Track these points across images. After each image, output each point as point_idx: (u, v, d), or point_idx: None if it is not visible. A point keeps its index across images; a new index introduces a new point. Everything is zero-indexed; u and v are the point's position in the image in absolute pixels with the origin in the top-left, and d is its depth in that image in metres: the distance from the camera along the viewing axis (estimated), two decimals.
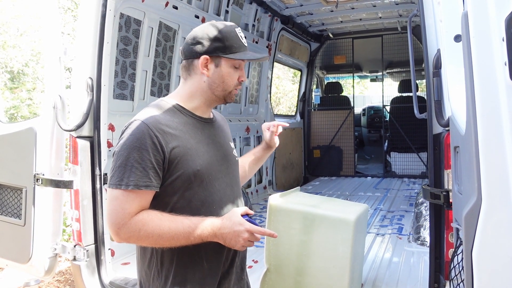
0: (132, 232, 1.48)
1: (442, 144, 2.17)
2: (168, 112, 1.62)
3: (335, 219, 2.39)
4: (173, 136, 1.55)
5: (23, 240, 2.99)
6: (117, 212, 1.48)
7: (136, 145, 1.48)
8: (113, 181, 1.50)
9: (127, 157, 1.48)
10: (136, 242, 1.54)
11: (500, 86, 1.30)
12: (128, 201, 1.48)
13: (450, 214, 2.09)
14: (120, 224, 1.48)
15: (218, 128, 1.79)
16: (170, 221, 1.49)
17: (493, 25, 1.31)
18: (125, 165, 1.48)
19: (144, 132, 1.50)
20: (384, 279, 3.00)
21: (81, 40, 2.96)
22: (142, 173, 1.47)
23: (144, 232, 1.47)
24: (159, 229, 1.47)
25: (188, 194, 1.58)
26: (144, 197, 1.51)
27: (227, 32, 1.63)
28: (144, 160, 1.48)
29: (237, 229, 1.51)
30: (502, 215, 1.31)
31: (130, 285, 2.85)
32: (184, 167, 1.55)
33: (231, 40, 1.63)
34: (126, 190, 1.47)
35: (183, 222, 1.49)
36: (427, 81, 2.24)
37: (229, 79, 1.66)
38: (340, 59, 8.22)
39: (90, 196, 2.89)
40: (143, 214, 1.49)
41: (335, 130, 7.88)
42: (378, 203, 5.51)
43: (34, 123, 3.02)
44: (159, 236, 1.48)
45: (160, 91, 4.15)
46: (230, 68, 1.65)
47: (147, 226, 1.47)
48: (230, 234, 1.51)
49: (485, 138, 1.31)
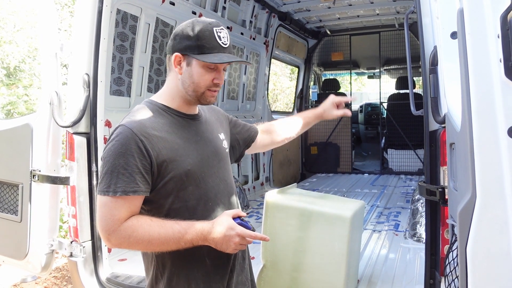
0: (122, 238, 1.48)
1: (438, 141, 2.17)
2: (153, 113, 1.60)
3: (331, 216, 2.39)
4: (159, 139, 1.53)
5: (20, 236, 2.99)
6: (107, 218, 1.48)
7: (121, 151, 1.47)
8: (101, 188, 1.49)
9: (113, 163, 1.47)
10: (127, 247, 1.54)
11: (495, 82, 1.30)
12: (116, 208, 1.47)
13: (445, 211, 2.10)
14: (110, 231, 1.47)
15: (205, 122, 1.76)
16: (160, 227, 1.48)
17: (489, 22, 1.32)
18: (112, 171, 1.47)
19: (129, 138, 1.48)
20: (380, 275, 3.01)
21: (78, 36, 2.95)
22: (129, 178, 1.46)
23: (134, 238, 1.47)
24: (149, 235, 1.46)
25: (182, 194, 1.57)
26: (132, 203, 1.50)
27: (201, 31, 1.56)
28: (130, 166, 1.47)
29: (228, 234, 1.49)
30: (496, 212, 1.31)
31: (127, 281, 2.85)
32: (174, 169, 1.54)
33: (204, 40, 1.55)
34: (114, 197, 1.46)
35: (173, 228, 1.48)
36: (423, 78, 2.25)
37: (199, 80, 1.58)
38: (337, 56, 8.21)
39: (86, 193, 2.89)
40: (133, 220, 1.48)
41: (332, 127, 7.88)
42: (375, 200, 5.52)
43: (30, 119, 3.02)
44: (149, 242, 1.47)
45: (157, 87, 4.14)
46: (201, 68, 1.57)
47: (136, 232, 1.46)
48: (221, 239, 1.49)
49: (479, 134, 1.32)
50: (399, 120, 7.43)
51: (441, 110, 2.12)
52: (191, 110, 1.71)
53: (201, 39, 1.55)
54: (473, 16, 1.35)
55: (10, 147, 3.08)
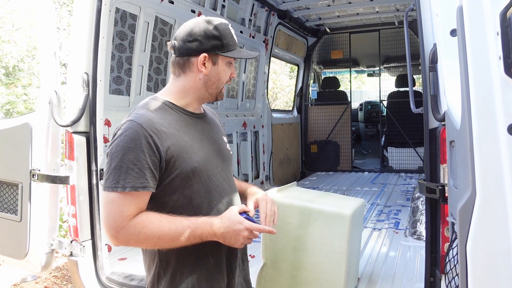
0: (131, 235, 1.46)
1: (438, 139, 2.17)
2: (160, 110, 1.61)
3: (331, 214, 2.39)
4: (168, 135, 1.54)
5: (20, 236, 2.99)
6: (115, 215, 1.46)
7: (131, 146, 1.47)
8: (109, 184, 1.47)
9: (122, 158, 1.46)
10: (135, 244, 1.53)
11: (495, 80, 1.30)
12: (125, 204, 1.46)
13: (445, 208, 2.10)
14: (118, 228, 1.46)
15: (210, 123, 1.79)
16: (170, 222, 1.48)
17: (488, 19, 1.31)
18: (120, 166, 1.46)
19: (139, 133, 1.48)
20: (381, 273, 3.01)
21: (77, 35, 2.94)
22: (139, 174, 1.46)
23: (144, 235, 1.46)
24: (159, 231, 1.46)
25: (188, 192, 1.57)
26: (141, 199, 1.50)
27: (223, 30, 1.64)
28: (140, 161, 1.46)
29: (236, 228, 1.51)
30: (496, 209, 1.31)
31: (127, 280, 2.85)
32: (181, 165, 1.54)
33: (228, 38, 1.64)
34: (123, 193, 1.45)
35: (183, 223, 1.48)
36: (423, 75, 2.24)
37: (224, 76, 1.68)
38: (337, 54, 8.21)
39: (86, 192, 2.89)
40: (142, 216, 1.48)
41: (332, 125, 7.88)
42: (375, 198, 5.52)
43: (29, 118, 3.01)
44: (159, 238, 1.46)
45: (156, 86, 4.14)
46: (225, 65, 1.67)
47: (146, 229, 1.46)
48: (230, 233, 1.51)
49: (479, 132, 1.31)
50: (399, 118, 7.43)
51: (441, 108, 2.12)
52: (198, 109, 1.74)
53: (226, 37, 1.63)
54: (472, 14, 1.35)
55: (10, 146, 3.08)
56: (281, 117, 7.45)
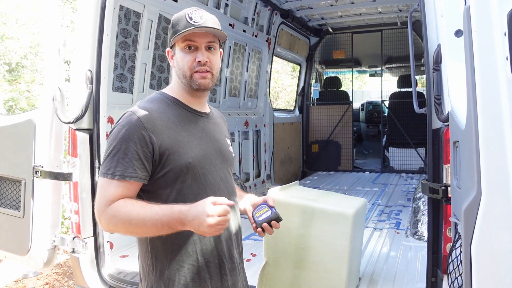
0: (109, 219, 1.49)
1: (441, 139, 2.17)
2: (162, 104, 1.64)
3: (333, 213, 2.39)
4: (165, 128, 1.57)
5: (22, 232, 2.99)
6: (100, 200, 1.52)
7: (126, 136, 1.52)
8: (102, 170, 1.54)
9: (115, 147, 1.52)
10: (114, 229, 1.53)
11: (501, 81, 1.30)
12: (110, 189, 1.50)
13: (448, 209, 2.10)
14: (100, 211, 1.50)
15: (214, 123, 1.79)
16: (141, 207, 1.48)
17: (495, 19, 1.31)
18: (114, 155, 1.52)
19: (135, 124, 1.53)
20: (382, 273, 3.02)
21: (81, 33, 2.94)
22: (128, 164, 1.50)
23: (117, 218, 1.48)
24: (129, 215, 1.46)
25: (180, 187, 1.58)
26: (128, 188, 1.52)
27: (175, 18, 1.64)
28: (131, 152, 1.50)
29: (202, 214, 1.39)
30: (502, 209, 1.31)
31: (129, 278, 2.86)
32: (175, 160, 1.56)
33: (177, 25, 1.62)
34: (113, 180, 1.50)
35: (152, 208, 1.46)
36: (427, 76, 2.24)
37: (183, 63, 1.62)
38: (339, 54, 8.21)
39: (89, 189, 2.89)
40: (120, 202, 1.50)
41: (334, 124, 7.88)
42: (376, 198, 5.52)
43: (33, 115, 3.02)
44: (129, 223, 1.46)
45: (159, 84, 4.14)
46: (181, 51, 1.63)
47: (119, 212, 1.48)
48: (196, 220, 1.40)
49: (485, 132, 1.32)
50: (401, 119, 7.43)
51: (444, 108, 2.12)
52: (202, 107, 1.75)
53: (175, 25, 1.63)
54: (479, 14, 1.35)
55: (13, 143, 3.09)
56: (283, 116, 7.46)
